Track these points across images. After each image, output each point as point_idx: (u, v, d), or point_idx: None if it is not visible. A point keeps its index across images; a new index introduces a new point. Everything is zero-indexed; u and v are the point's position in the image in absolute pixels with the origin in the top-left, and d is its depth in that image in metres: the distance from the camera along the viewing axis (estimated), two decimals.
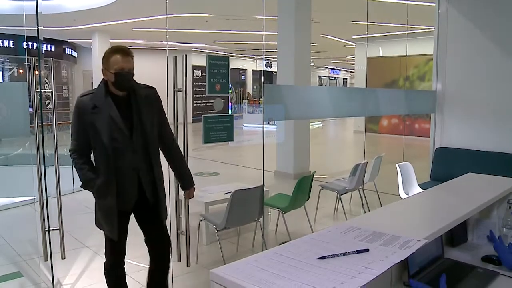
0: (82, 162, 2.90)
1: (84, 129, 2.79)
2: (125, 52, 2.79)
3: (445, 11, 5.87)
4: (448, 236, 2.55)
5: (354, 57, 18.94)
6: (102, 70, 2.81)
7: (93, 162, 2.94)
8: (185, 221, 3.99)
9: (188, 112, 17.43)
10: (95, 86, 2.89)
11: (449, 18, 5.85)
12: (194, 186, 3.30)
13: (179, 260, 3.96)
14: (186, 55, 3.93)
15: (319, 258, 1.35)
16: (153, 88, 3.04)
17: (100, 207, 3.00)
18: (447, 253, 2.42)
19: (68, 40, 18.34)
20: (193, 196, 3.37)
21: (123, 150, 2.80)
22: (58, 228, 3.81)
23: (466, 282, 2.12)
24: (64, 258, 3.94)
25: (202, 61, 20.25)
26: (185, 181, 3.25)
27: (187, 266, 4.00)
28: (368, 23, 11.67)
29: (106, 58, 2.79)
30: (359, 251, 1.39)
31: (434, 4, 6.16)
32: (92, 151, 2.91)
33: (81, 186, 2.98)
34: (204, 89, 4.02)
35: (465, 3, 5.69)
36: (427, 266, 2.22)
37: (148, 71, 18.25)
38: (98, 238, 5.10)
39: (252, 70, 26.38)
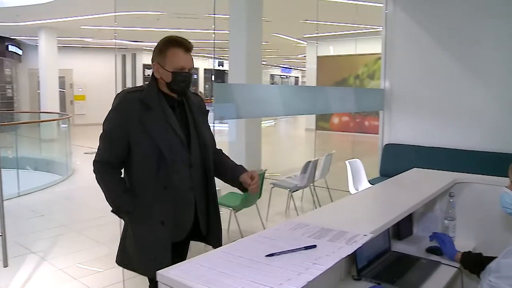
0: (117, 179, 2.24)
1: (127, 133, 2.16)
2: (187, 46, 2.23)
3: (392, 11, 6.01)
4: (395, 229, 2.62)
5: (305, 56, 19.15)
6: (153, 64, 2.26)
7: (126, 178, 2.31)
8: None
9: None
10: (43, 85, 2.48)
11: (396, 18, 5.99)
12: None
13: None
14: (135, 54, 3.87)
15: (267, 255, 1.36)
16: (201, 96, 2.51)
17: (140, 239, 2.24)
18: (394, 246, 2.50)
19: (12, 37, 17.66)
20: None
21: (179, 164, 2.22)
22: (0, 234, 3.67)
23: (412, 273, 2.20)
24: (7, 266, 3.78)
25: None
26: (239, 167, 2.44)
27: None
28: (318, 23, 11.82)
29: (161, 51, 2.21)
30: (306, 248, 1.40)
31: (382, 5, 6.29)
32: (126, 164, 2.26)
33: (112, 211, 2.29)
34: None
35: (411, 4, 5.85)
36: (375, 260, 2.28)
37: (98, 70, 18.06)
38: (46, 243, 4.98)
39: (204, 69, 26.21)
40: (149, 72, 19.37)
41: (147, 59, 19.00)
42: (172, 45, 2.20)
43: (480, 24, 5.22)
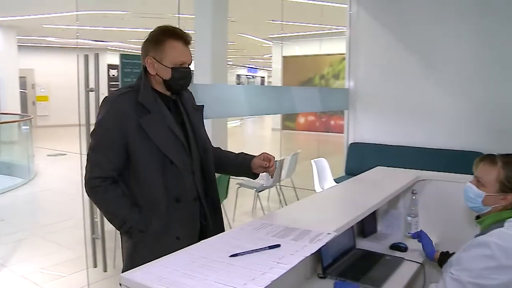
0: (120, 195, 1.94)
1: (125, 140, 1.91)
2: (186, 39, 1.99)
3: (356, 12, 6.10)
4: (360, 227, 2.66)
5: (271, 56, 19.20)
6: (146, 59, 1.98)
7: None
8: (101, 225, 3.88)
9: None
10: (2, 86, 2.17)
11: (359, 19, 6.08)
12: None
13: (95, 265, 3.83)
14: (98, 54, 3.80)
15: (231, 256, 1.35)
16: (189, 90, 2.24)
17: (155, 257, 1.69)
18: (358, 244, 2.53)
19: None
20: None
21: (183, 172, 1.99)
22: None
23: (376, 269, 2.24)
24: None
25: (118, 60, 19.62)
26: (242, 155, 2.27)
27: (104, 271, 3.87)
28: (283, 23, 11.87)
29: (158, 43, 1.96)
30: (270, 247, 1.40)
31: (346, 6, 6.36)
32: (126, 178, 1.99)
33: (122, 233, 2.04)
34: None
35: (375, 5, 5.94)
36: (341, 257, 2.31)
37: (62, 70, 17.64)
38: (6, 248, 4.85)
39: None
40: (114, 72, 19.25)
41: (112, 59, 18.70)
42: (171, 36, 1.95)
43: (441, 25, 5.34)
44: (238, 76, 33.28)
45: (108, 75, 18.97)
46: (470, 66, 5.19)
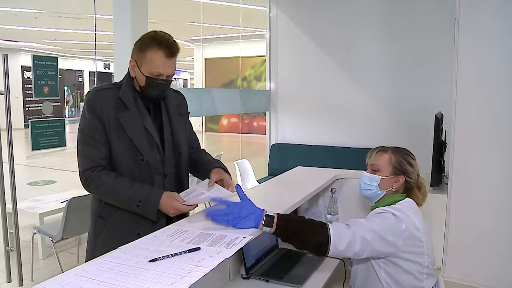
0: (118, 176, 1.94)
1: (105, 131, 1.93)
2: (171, 50, 1.95)
3: (276, 15, 6.21)
4: None
5: (193, 58, 19.07)
6: (130, 61, 2.00)
7: None
8: (16, 236, 3.69)
9: (19, 117, 16.15)
10: None
11: (279, 21, 6.20)
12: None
13: (9, 280, 3.63)
14: (6, 55, 3.62)
15: (149, 261, 1.33)
16: (182, 94, 2.31)
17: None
18: (281, 243, 2.57)
19: None
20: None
21: (154, 174, 2.01)
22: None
23: (298, 267, 2.29)
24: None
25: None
26: (211, 163, 2.19)
27: (20, 285, 3.68)
28: (203, 25, 11.85)
29: (141, 48, 1.95)
30: (190, 250, 1.40)
31: (265, 8, 6.45)
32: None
33: (133, 210, 1.94)
34: None
35: (293, 8, 6.08)
36: (263, 257, 2.34)
37: None
38: None
39: (89, 72, 25.17)
40: (29, 74, 18.30)
41: (27, 60, 17.73)
42: (155, 44, 1.92)
43: (358, 29, 5.56)
44: None
45: (23, 77, 17.98)
46: (384, 68, 5.44)
